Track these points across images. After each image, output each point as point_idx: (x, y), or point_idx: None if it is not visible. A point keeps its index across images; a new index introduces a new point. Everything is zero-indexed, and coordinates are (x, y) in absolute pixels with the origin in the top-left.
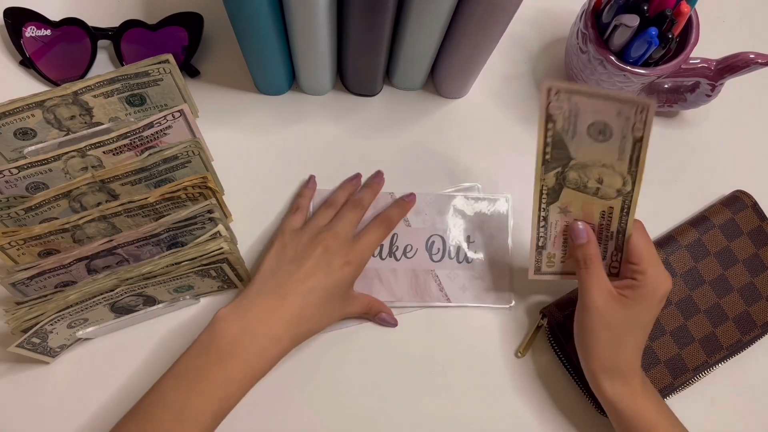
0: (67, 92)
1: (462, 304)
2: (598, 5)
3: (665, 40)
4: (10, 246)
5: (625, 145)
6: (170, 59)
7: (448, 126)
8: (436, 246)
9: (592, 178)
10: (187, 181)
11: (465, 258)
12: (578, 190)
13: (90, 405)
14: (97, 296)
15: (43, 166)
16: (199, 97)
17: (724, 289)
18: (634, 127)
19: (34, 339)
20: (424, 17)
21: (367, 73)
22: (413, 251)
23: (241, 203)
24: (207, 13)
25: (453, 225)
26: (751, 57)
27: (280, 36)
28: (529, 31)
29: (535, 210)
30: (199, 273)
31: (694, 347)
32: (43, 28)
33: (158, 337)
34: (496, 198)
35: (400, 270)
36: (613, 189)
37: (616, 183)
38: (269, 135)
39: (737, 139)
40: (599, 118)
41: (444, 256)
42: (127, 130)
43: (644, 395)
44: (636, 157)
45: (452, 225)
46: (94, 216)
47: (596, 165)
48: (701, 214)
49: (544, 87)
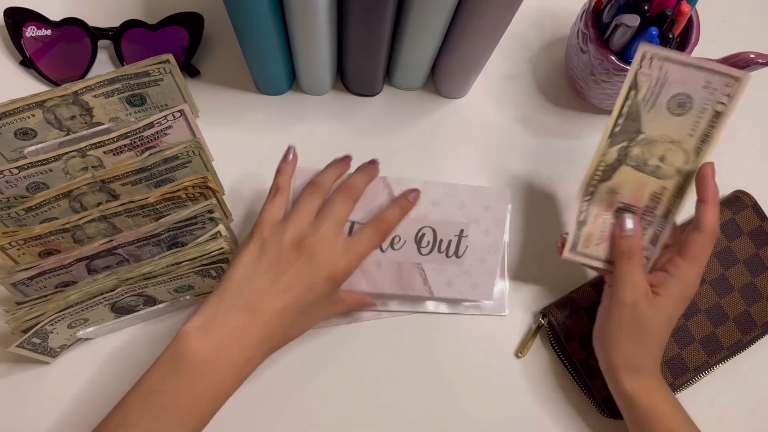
0: (68, 92)
1: (445, 296)
2: (598, 5)
3: (666, 40)
4: (11, 246)
5: (702, 119)
6: (170, 59)
7: (448, 126)
8: (426, 239)
9: (655, 155)
10: (188, 181)
11: (455, 253)
12: (637, 168)
13: (90, 405)
14: (98, 296)
15: (43, 166)
16: (199, 97)
17: (725, 289)
18: (718, 101)
19: (35, 339)
20: (424, 17)
21: (367, 73)
22: (401, 243)
23: (241, 203)
24: (207, 13)
25: (446, 217)
26: (751, 57)
27: (280, 36)
28: (529, 30)
29: (586, 183)
30: (199, 273)
31: (694, 347)
32: (44, 28)
33: (158, 337)
34: (497, 191)
35: (385, 262)
36: (673, 167)
37: (678, 161)
38: (269, 135)
39: (737, 139)
40: (685, 89)
41: (433, 249)
42: (128, 130)
43: (661, 391)
44: (708, 133)
45: (445, 217)
46: (95, 216)
47: (664, 141)
48: None
49: (639, 51)
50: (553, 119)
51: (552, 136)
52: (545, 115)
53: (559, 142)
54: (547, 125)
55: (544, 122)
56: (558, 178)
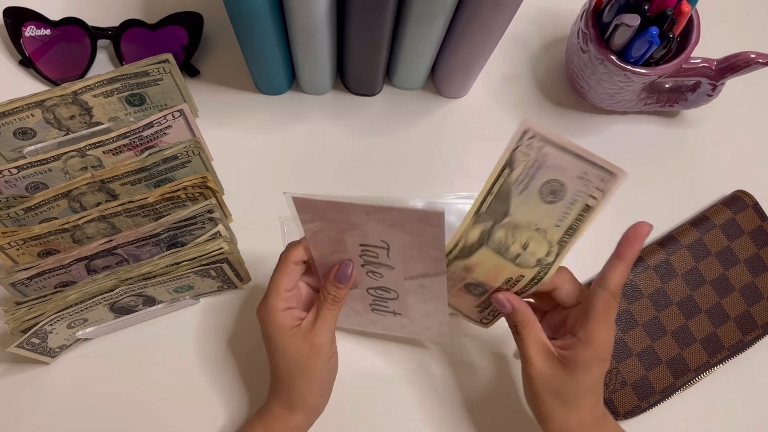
0: (67, 92)
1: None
2: (599, 5)
3: (666, 40)
4: (10, 246)
5: (571, 211)
6: (170, 59)
7: (448, 126)
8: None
9: (518, 241)
10: (187, 181)
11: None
12: (497, 252)
13: (90, 405)
14: (97, 296)
15: (42, 165)
16: (199, 96)
17: (726, 289)
18: (590, 194)
19: (34, 339)
20: (424, 17)
21: (367, 72)
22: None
23: (241, 203)
24: (207, 12)
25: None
26: (752, 56)
27: (280, 36)
28: (529, 30)
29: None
30: (199, 273)
31: (695, 347)
32: (43, 27)
33: (158, 337)
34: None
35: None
36: (535, 258)
37: (541, 251)
38: (269, 135)
39: (738, 139)
40: (560, 176)
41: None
42: (127, 129)
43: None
44: (574, 228)
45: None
46: (94, 216)
47: (530, 227)
48: (702, 214)
49: (521, 127)
50: (553, 119)
51: None
52: (545, 115)
53: None
54: (547, 125)
55: (544, 122)
56: None
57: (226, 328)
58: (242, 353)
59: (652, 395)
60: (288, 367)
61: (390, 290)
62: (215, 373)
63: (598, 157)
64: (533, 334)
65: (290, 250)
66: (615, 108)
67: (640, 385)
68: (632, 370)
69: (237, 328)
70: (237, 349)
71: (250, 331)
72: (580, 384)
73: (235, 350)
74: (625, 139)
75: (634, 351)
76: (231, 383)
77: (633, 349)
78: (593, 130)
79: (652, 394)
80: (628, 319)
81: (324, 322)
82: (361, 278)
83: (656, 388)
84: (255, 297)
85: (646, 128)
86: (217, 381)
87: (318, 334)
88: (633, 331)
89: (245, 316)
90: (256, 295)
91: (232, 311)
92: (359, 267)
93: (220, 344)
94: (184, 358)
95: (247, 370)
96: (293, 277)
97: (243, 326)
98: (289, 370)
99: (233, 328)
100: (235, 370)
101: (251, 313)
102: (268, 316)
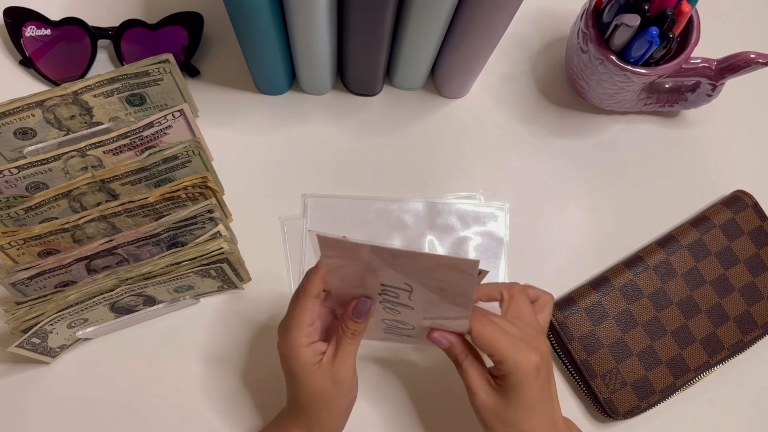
0: (67, 92)
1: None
2: (598, 5)
3: (666, 40)
4: (10, 246)
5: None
6: (170, 59)
7: (448, 126)
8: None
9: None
10: (187, 180)
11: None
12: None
13: (90, 405)
14: (97, 296)
15: (42, 165)
16: (199, 96)
17: (725, 289)
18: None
19: (34, 339)
20: (424, 17)
21: (368, 73)
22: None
23: (241, 203)
24: (207, 12)
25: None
26: (751, 57)
27: (280, 36)
28: (529, 30)
29: None
30: (199, 273)
31: (695, 347)
32: (43, 27)
33: (158, 337)
34: (493, 213)
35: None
36: None
37: None
38: (269, 135)
39: (738, 139)
40: None
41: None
42: (127, 129)
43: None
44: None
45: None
46: (94, 216)
47: None
48: (702, 214)
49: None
50: (553, 119)
51: (552, 136)
52: (545, 115)
53: (559, 142)
54: (547, 125)
55: (544, 122)
56: (558, 178)
57: (226, 327)
58: (242, 353)
59: (652, 395)
60: (309, 399)
61: (406, 323)
62: (215, 373)
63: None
64: (473, 366)
65: (309, 283)
66: (615, 108)
67: (640, 385)
68: (632, 370)
69: (237, 327)
70: (237, 348)
71: (251, 331)
72: (519, 406)
73: (235, 350)
74: (625, 139)
75: (634, 351)
76: (231, 383)
77: (633, 349)
78: (593, 130)
79: (652, 394)
80: (628, 319)
81: (345, 356)
82: (377, 310)
83: (656, 388)
84: (255, 297)
85: (646, 128)
86: (217, 381)
87: (340, 368)
88: (633, 331)
89: (245, 315)
90: (256, 295)
91: (232, 311)
92: (377, 303)
93: (220, 344)
94: (184, 358)
95: (248, 370)
96: (314, 312)
97: (243, 326)
98: (311, 401)
99: (233, 327)
100: (236, 369)
101: (251, 313)
102: (292, 352)
